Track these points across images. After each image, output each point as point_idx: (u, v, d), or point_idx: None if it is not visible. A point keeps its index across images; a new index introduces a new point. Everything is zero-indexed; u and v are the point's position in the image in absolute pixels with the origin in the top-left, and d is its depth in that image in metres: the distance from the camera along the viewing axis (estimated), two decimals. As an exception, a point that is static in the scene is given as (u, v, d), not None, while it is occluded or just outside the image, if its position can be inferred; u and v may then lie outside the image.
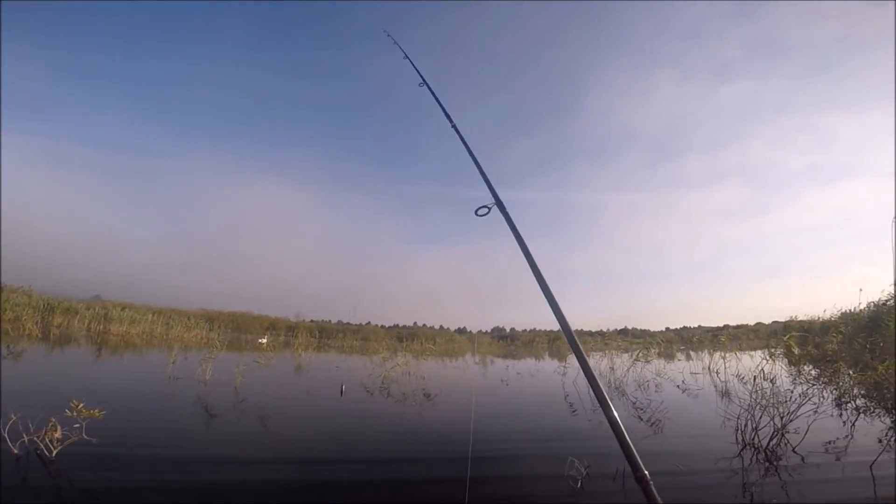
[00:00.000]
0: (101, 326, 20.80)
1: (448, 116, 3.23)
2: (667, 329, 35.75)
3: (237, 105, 62.16)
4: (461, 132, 3.02)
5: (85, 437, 4.05)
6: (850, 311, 11.34)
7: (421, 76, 3.72)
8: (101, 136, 55.96)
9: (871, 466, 4.10)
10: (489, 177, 2.54)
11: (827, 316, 13.42)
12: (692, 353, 22.34)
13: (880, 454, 4.21)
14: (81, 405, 4.02)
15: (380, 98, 62.32)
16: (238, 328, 28.74)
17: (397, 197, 65.32)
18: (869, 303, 10.19)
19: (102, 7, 50.62)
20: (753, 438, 5.01)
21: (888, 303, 9.11)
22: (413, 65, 3.97)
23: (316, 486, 3.77)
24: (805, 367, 7.57)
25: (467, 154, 2.80)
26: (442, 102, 3.36)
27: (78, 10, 49.36)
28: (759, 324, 29.52)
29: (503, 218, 2.26)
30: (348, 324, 35.94)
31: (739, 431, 5.25)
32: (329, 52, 58.66)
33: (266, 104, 63.36)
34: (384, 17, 55.92)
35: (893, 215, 7.69)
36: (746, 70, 56.68)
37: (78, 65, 52.42)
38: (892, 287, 8.16)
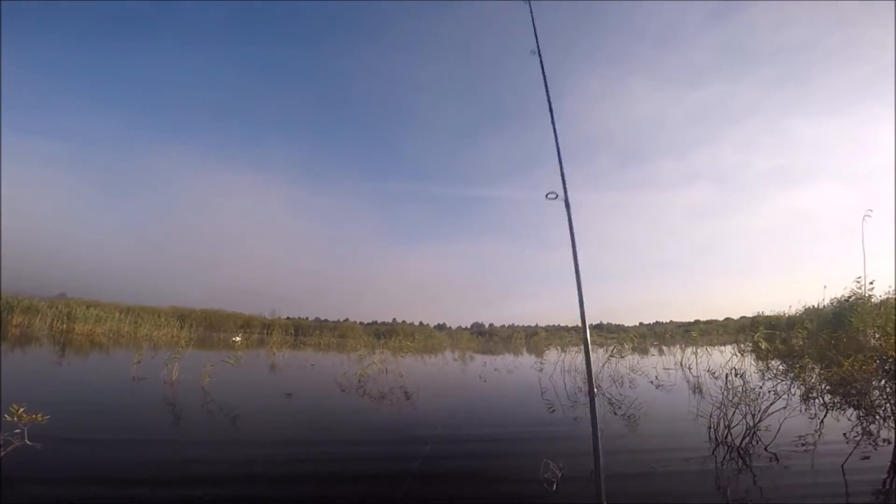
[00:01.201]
0: (65, 325, 19.88)
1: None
2: (640, 324, 36.46)
3: (210, 101, 60.12)
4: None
5: (28, 442, 3.82)
6: (814, 307, 11.67)
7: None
8: (68, 129, 53.30)
9: (842, 466, 4.15)
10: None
11: (792, 312, 13.82)
12: (665, 347, 22.79)
13: (851, 454, 4.27)
14: (22, 410, 3.77)
15: (357, 95, 61.37)
16: (211, 326, 27.91)
17: (375, 194, 64.63)
18: (832, 299, 10.51)
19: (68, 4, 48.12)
20: (726, 437, 5.04)
21: (850, 299, 9.38)
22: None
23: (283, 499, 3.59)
24: (773, 363, 7.72)
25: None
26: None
27: (44, 6, 46.69)
28: (728, 319, 30.44)
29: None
30: (325, 320, 35.41)
31: (712, 429, 5.29)
32: (304, 49, 57.33)
33: (241, 101, 61.56)
34: (363, 15, 55.18)
35: (864, 214, 7.85)
36: (717, 75, 57.99)
37: (44, 58, 49.69)
38: (855, 284, 8.35)
